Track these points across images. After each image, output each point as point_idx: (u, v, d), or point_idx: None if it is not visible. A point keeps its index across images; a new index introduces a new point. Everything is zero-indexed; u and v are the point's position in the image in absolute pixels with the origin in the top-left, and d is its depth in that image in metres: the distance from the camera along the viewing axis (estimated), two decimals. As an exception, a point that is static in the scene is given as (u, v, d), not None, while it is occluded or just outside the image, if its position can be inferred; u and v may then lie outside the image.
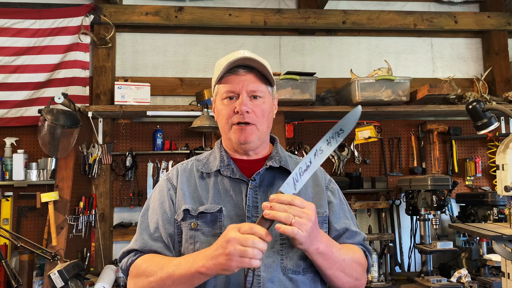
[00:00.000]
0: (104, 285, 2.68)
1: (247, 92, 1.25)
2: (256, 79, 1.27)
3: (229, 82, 1.26)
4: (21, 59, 3.26)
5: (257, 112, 1.26)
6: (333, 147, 1.12)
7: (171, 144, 3.34)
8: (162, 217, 1.27)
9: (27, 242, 2.53)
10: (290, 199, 1.05)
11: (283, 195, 1.07)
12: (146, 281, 1.17)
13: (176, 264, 1.14)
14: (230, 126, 1.27)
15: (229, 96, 1.26)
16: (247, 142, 1.27)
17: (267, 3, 3.65)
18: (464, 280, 2.75)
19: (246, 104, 1.24)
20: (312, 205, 1.09)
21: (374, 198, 3.41)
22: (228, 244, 1.01)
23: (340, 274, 1.21)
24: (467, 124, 3.58)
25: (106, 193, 3.25)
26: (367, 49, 3.73)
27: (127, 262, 1.26)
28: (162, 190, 1.33)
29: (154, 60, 3.53)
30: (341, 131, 1.12)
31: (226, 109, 1.27)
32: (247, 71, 1.26)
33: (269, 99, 1.31)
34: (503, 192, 1.87)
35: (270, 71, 1.29)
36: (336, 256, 1.18)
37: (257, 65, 1.26)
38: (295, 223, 1.03)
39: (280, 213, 1.03)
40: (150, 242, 1.25)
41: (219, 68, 1.29)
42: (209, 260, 1.06)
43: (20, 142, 3.27)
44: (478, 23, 3.68)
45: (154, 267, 1.17)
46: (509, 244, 1.88)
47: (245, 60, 1.25)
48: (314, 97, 3.09)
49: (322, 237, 1.14)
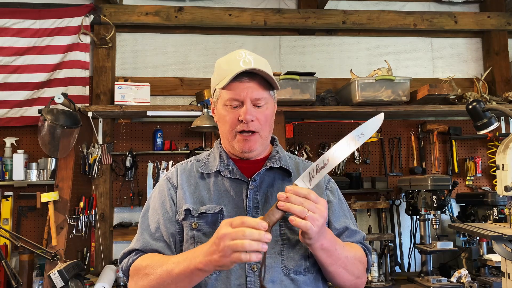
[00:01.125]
0: (104, 285, 2.68)
1: (251, 100, 1.24)
2: (259, 86, 1.25)
3: (233, 89, 1.24)
4: (21, 59, 3.26)
5: (261, 119, 1.26)
6: (351, 150, 1.12)
7: (171, 144, 3.34)
8: (163, 217, 1.27)
9: (27, 242, 2.53)
10: (306, 192, 1.05)
11: (300, 187, 1.06)
12: (146, 280, 1.17)
13: (175, 262, 1.13)
14: (235, 134, 1.26)
15: (232, 105, 1.25)
16: (251, 151, 1.27)
17: (267, 3, 3.65)
18: (464, 280, 2.75)
19: (251, 113, 1.23)
20: (325, 202, 1.09)
21: (374, 198, 3.41)
22: (220, 241, 1.00)
23: (342, 271, 1.21)
24: (467, 124, 3.58)
25: (106, 193, 3.25)
26: (367, 49, 3.73)
27: (128, 262, 1.25)
28: (162, 190, 1.32)
29: (154, 60, 3.53)
30: (361, 135, 1.12)
31: (230, 116, 1.26)
32: (251, 78, 1.24)
33: (271, 104, 1.31)
34: (503, 192, 1.87)
35: (273, 77, 1.27)
36: (339, 253, 1.18)
37: (261, 72, 1.24)
38: (309, 218, 1.03)
39: (295, 206, 1.03)
40: (151, 241, 1.25)
41: (220, 72, 1.27)
42: (205, 256, 1.05)
43: (20, 142, 3.27)
44: (478, 23, 3.68)
45: (154, 265, 1.17)
46: (509, 244, 1.88)
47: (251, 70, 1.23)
48: (314, 97, 3.09)
49: (327, 234, 1.14)
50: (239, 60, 1.24)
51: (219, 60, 1.32)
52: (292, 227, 1.22)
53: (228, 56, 1.29)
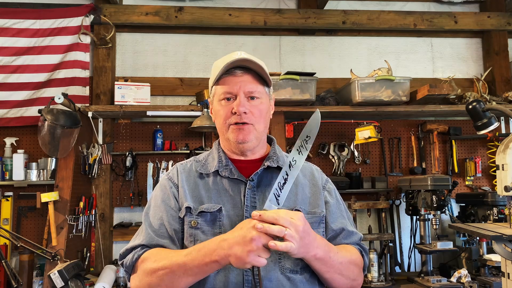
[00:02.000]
0: (104, 285, 2.68)
1: (244, 93, 1.26)
2: (253, 79, 1.28)
3: (226, 83, 1.27)
4: (21, 59, 3.26)
5: (255, 112, 1.27)
6: (305, 155, 1.14)
7: (171, 144, 3.34)
8: (167, 214, 1.27)
9: (27, 242, 2.52)
10: (275, 215, 1.05)
11: (267, 212, 1.06)
12: (155, 275, 1.16)
13: (187, 254, 1.14)
14: (228, 126, 1.28)
15: (226, 97, 1.27)
16: (245, 141, 1.28)
17: (267, 3, 3.65)
18: (464, 280, 2.75)
19: (244, 105, 1.25)
20: (299, 214, 1.09)
21: (374, 198, 3.41)
22: (253, 241, 1.02)
23: (337, 276, 1.22)
24: (467, 124, 3.58)
25: (106, 193, 3.25)
26: (367, 49, 3.73)
27: (133, 257, 1.23)
28: (164, 188, 1.33)
29: (154, 60, 3.53)
30: (307, 138, 1.15)
31: (224, 110, 1.28)
32: (244, 72, 1.27)
33: (266, 100, 1.32)
34: (503, 192, 1.87)
35: (266, 72, 1.29)
36: (334, 260, 1.19)
37: (254, 66, 1.27)
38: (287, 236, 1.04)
39: (272, 227, 1.03)
40: (156, 237, 1.25)
41: (216, 70, 1.30)
42: (226, 249, 1.07)
43: (20, 142, 3.27)
44: (478, 23, 3.68)
45: (164, 259, 1.16)
46: (509, 244, 1.88)
47: (243, 61, 1.26)
48: (314, 97, 3.09)
49: (319, 243, 1.14)
50: (234, 57, 1.27)
51: (215, 62, 1.34)
52: None
53: (224, 56, 1.32)
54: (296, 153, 1.14)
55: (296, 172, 1.13)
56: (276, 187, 1.12)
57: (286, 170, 1.13)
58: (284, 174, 1.13)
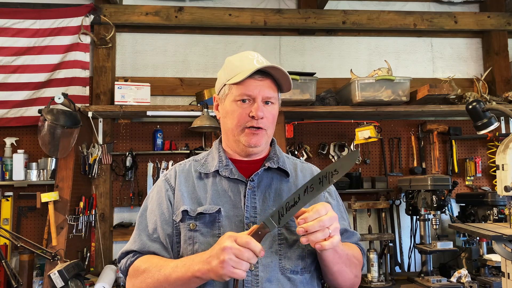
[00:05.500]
0: (104, 285, 2.68)
1: (262, 98, 1.26)
2: (271, 85, 1.28)
3: (246, 85, 1.26)
4: (21, 59, 3.26)
5: (269, 117, 1.28)
6: (324, 188, 1.10)
7: (171, 144, 3.34)
8: (160, 218, 1.28)
9: (27, 242, 2.53)
10: (316, 220, 1.06)
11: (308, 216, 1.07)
12: (144, 283, 1.19)
13: (173, 267, 1.15)
14: (243, 129, 1.27)
15: (242, 99, 1.26)
16: (257, 146, 1.28)
17: (267, 3, 3.65)
18: (464, 280, 2.74)
19: (262, 110, 1.25)
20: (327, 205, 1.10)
21: (374, 198, 3.41)
22: (222, 252, 1.03)
23: (345, 269, 1.22)
24: (467, 124, 3.58)
25: (106, 193, 3.25)
26: (367, 49, 3.73)
27: (126, 263, 1.28)
28: (160, 190, 1.33)
29: (154, 60, 3.53)
30: (335, 172, 1.11)
31: (239, 112, 1.26)
32: (264, 77, 1.27)
33: (278, 105, 1.34)
34: (503, 192, 1.87)
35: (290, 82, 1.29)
36: (342, 250, 1.20)
37: (278, 73, 1.27)
38: (332, 233, 1.06)
39: (318, 234, 1.05)
40: (148, 243, 1.26)
41: (233, 68, 1.29)
42: (204, 264, 1.07)
43: (20, 142, 3.27)
44: (478, 23, 3.68)
45: (152, 269, 1.18)
46: (509, 244, 1.88)
47: (271, 68, 1.25)
48: (314, 97, 3.09)
49: None
50: (252, 59, 1.28)
51: (229, 58, 1.34)
52: (289, 227, 1.23)
53: (240, 55, 1.32)
54: (316, 182, 1.10)
55: (309, 200, 1.10)
56: (284, 206, 1.10)
57: (300, 193, 1.10)
58: (296, 197, 1.10)
